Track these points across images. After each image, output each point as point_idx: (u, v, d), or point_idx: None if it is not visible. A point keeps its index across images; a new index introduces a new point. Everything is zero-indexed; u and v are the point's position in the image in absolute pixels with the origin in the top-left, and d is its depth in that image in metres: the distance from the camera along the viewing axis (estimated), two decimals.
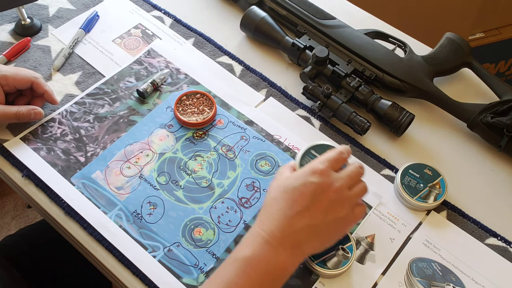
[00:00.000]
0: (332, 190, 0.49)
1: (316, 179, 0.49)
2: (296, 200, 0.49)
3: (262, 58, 0.76)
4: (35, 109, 0.63)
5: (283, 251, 0.47)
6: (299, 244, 0.48)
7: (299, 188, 0.49)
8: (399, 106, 0.66)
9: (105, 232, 0.57)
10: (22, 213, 1.42)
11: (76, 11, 0.78)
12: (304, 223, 0.48)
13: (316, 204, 0.48)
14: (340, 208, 0.50)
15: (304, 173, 0.50)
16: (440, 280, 0.56)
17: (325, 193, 0.49)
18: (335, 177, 0.50)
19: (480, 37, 1.42)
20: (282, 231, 0.47)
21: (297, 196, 0.49)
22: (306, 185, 0.49)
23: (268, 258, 0.47)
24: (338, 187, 0.50)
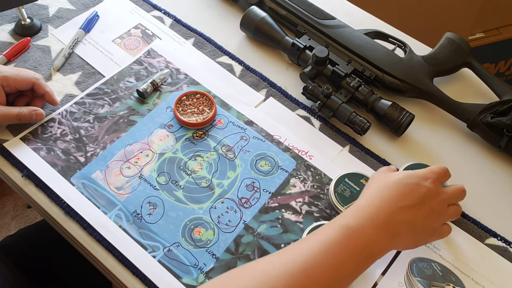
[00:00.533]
0: (437, 200, 0.52)
1: (428, 184, 0.52)
2: (407, 195, 0.51)
3: (262, 58, 0.76)
4: (37, 110, 0.63)
5: (384, 233, 0.49)
6: (397, 234, 0.50)
7: (412, 186, 0.52)
8: (399, 106, 0.66)
9: (105, 232, 0.57)
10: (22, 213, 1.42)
11: (76, 11, 0.78)
12: (407, 217, 0.50)
13: (421, 206, 0.51)
14: (437, 219, 0.52)
15: (418, 175, 0.53)
16: (440, 280, 0.56)
17: (432, 200, 0.52)
18: (442, 190, 0.54)
19: (480, 37, 1.42)
20: (387, 215, 0.49)
21: (408, 191, 0.51)
22: (419, 186, 0.52)
23: (370, 233, 0.48)
24: (442, 199, 0.53)
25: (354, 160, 0.65)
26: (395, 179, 0.52)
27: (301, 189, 0.62)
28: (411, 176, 0.53)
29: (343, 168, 0.64)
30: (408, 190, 0.51)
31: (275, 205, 0.61)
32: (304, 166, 0.64)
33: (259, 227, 0.59)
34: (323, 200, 0.61)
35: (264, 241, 0.58)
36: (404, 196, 0.51)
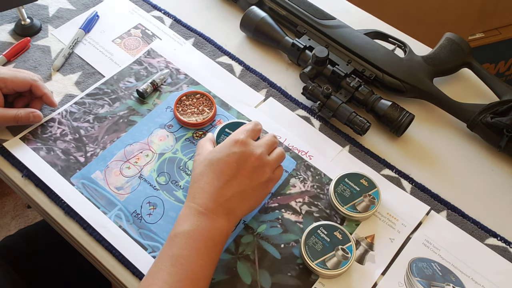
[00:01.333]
0: (254, 157, 0.53)
1: (238, 148, 0.53)
2: (223, 170, 0.52)
3: (262, 58, 0.76)
4: (34, 112, 0.63)
5: (218, 218, 0.50)
6: (231, 210, 0.51)
7: (224, 159, 0.52)
8: (399, 106, 0.66)
9: (104, 232, 0.57)
10: (22, 213, 1.42)
11: (76, 11, 0.78)
12: (233, 190, 0.51)
13: (241, 172, 0.52)
14: (263, 172, 0.53)
15: (226, 144, 0.54)
16: (440, 280, 0.56)
17: (248, 160, 0.53)
18: (255, 145, 0.54)
19: (480, 37, 1.42)
20: (214, 201, 0.51)
21: (223, 166, 0.52)
22: (230, 156, 0.52)
23: (207, 227, 0.50)
24: (259, 154, 0.53)
25: (354, 160, 0.65)
26: (207, 162, 0.53)
27: (301, 189, 0.62)
28: (220, 150, 0.53)
29: (343, 168, 0.64)
30: (221, 166, 0.52)
31: (275, 205, 0.61)
32: (304, 166, 0.64)
33: (259, 227, 0.59)
34: (323, 200, 0.61)
35: (264, 241, 0.58)
36: (221, 172, 0.52)
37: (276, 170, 0.55)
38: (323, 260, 0.54)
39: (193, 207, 0.51)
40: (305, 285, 0.55)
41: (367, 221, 0.60)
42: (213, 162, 0.52)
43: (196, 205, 0.51)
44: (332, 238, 0.56)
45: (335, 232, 0.56)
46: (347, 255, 0.55)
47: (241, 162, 0.52)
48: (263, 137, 0.57)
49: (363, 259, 0.57)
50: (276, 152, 0.56)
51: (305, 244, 0.56)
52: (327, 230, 0.57)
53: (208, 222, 0.50)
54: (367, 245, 0.58)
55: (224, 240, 0.51)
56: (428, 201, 0.62)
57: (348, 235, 0.56)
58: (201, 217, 0.50)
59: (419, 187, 0.64)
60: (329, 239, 0.56)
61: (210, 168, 0.52)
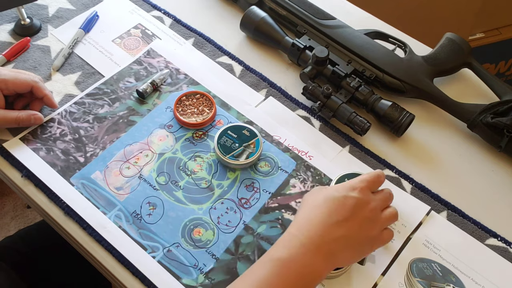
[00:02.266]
0: (368, 208, 0.51)
1: (356, 194, 0.51)
2: (337, 210, 0.50)
3: (262, 58, 0.76)
4: (35, 115, 0.63)
5: (318, 256, 0.48)
6: (334, 253, 0.49)
7: (340, 199, 0.51)
8: (399, 107, 0.66)
9: (104, 232, 0.57)
10: (22, 213, 1.42)
11: (76, 11, 0.78)
12: (341, 233, 0.49)
13: (353, 218, 0.50)
14: (373, 227, 0.52)
15: (345, 187, 0.52)
16: (440, 280, 0.56)
17: (363, 209, 0.51)
18: (372, 197, 0.53)
19: (480, 37, 1.42)
20: (320, 237, 0.48)
21: (337, 206, 0.50)
22: (347, 198, 0.51)
23: (304, 261, 0.47)
24: (374, 206, 0.52)
25: (354, 160, 0.65)
26: (322, 197, 0.51)
27: (301, 190, 0.62)
28: (337, 190, 0.52)
29: (343, 168, 0.64)
30: (336, 205, 0.50)
31: (275, 206, 0.60)
32: (304, 167, 0.64)
33: (259, 228, 0.58)
34: None
35: (264, 242, 0.58)
36: (333, 212, 0.50)
37: (384, 231, 0.53)
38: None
39: (296, 236, 0.48)
40: None
41: None
42: (329, 199, 0.51)
43: (300, 234, 0.48)
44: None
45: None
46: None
47: (356, 209, 0.50)
48: (381, 191, 0.55)
49: (363, 260, 0.57)
50: (389, 210, 0.54)
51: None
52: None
53: (307, 256, 0.47)
54: None
55: (316, 283, 0.48)
56: (428, 201, 0.62)
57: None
58: (301, 249, 0.47)
59: (419, 187, 0.63)
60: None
61: (324, 203, 0.51)
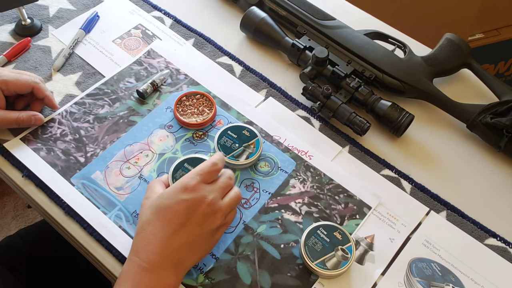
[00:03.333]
0: (205, 204, 0.49)
1: (188, 195, 0.49)
2: (171, 219, 0.48)
3: (262, 59, 0.76)
4: (36, 115, 0.63)
5: (164, 273, 0.47)
6: (180, 262, 0.48)
7: (172, 207, 0.48)
8: (398, 107, 0.66)
9: (104, 232, 0.57)
10: (22, 213, 1.42)
11: (76, 11, 0.78)
12: (181, 241, 0.48)
13: (190, 220, 0.48)
14: (214, 219, 0.50)
15: (176, 190, 0.50)
16: (439, 280, 0.56)
17: (199, 208, 0.49)
18: (207, 190, 0.50)
19: (479, 37, 1.42)
20: (160, 254, 0.47)
21: (170, 215, 0.48)
22: (179, 203, 0.49)
23: (152, 284, 0.46)
24: (211, 200, 0.50)
25: (353, 160, 0.65)
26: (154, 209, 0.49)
27: (301, 190, 0.62)
28: (169, 197, 0.49)
29: (343, 168, 0.64)
30: (170, 214, 0.48)
31: (274, 206, 0.61)
32: (304, 167, 0.64)
33: (259, 228, 0.59)
34: (322, 201, 0.61)
35: (264, 242, 0.58)
36: (169, 221, 0.48)
37: (228, 215, 0.52)
38: (322, 260, 0.54)
39: (136, 262, 0.47)
40: (305, 285, 0.55)
41: (367, 221, 0.60)
42: (160, 209, 0.49)
43: (140, 260, 0.47)
44: (332, 238, 0.56)
45: (334, 233, 0.57)
46: (347, 255, 0.55)
47: (190, 210, 0.48)
48: (219, 178, 0.53)
49: (362, 259, 0.57)
50: (229, 195, 0.52)
51: (305, 244, 0.56)
52: (326, 230, 0.57)
53: (153, 279, 0.46)
54: (367, 245, 0.58)
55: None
56: (428, 201, 0.62)
57: (348, 235, 0.57)
58: (144, 274, 0.46)
59: (418, 187, 0.64)
60: (329, 240, 0.56)
61: (156, 216, 0.48)
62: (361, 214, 0.61)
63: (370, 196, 0.62)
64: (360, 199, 0.62)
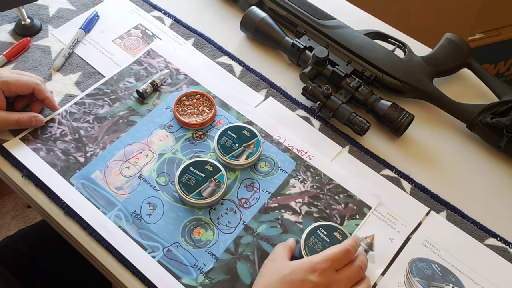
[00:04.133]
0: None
1: (315, 278, 0.48)
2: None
3: (262, 59, 0.76)
4: (37, 117, 0.63)
5: None
6: None
7: (297, 284, 0.48)
8: (398, 107, 0.66)
9: (104, 232, 0.57)
10: (22, 213, 1.42)
11: (76, 11, 0.78)
12: None
13: None
14: None
15: (304, 268, 0.49)
16: (439, 280, 0.56)
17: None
18: (334, 279, 0.49)
19: (479, 37, 1.42)
20: None
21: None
22: (304, 282, 0.48)
23: None
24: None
25: (353, 161, 0.65)
26: (279, 277, 0.49)
27: (301, 190, 0.62)
28: (296, 271, 0.49)
29: (343, 168, 0.64)
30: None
31: (274, 206, 0.61)
32: (304, 167, 0.64)
33: (259, 227, 0.59)
34: (322, 201, 0.61)
35: (264, 242, 0.58)
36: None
37: None
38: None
39: None
40: None
41: (367, 221, 0.60)
42: (285, 281, 0.48)
43: None
44: (332, 238, 0.56)
45: (334, 233, 0.57)
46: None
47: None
48: (350, 266, 0.51)
49: None
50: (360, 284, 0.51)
51: (305, 244, 0.56)
52: (326, 230, 0.57)
53: None
54: (367, 245, 0.58)
55: None
56: (428, 201, 0.62)
57: (348, 235, 0.57)
58: None
59: (419, 187, 0.64)
60: (329, 240, 0.56)
61: (279, 286, 0.48)
62: (361, 214, 0.60)
63: (370, 196, 0.62)
64: (360, 199, 0.62)
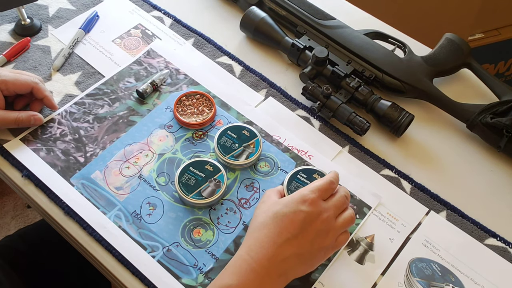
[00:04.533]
0: (320, 220, 0.50)
1: (306, 208, 0.50)
2: (286, 227, 0.49)
3: (262, 59, 0.76)
4: (35, 115, 0.63)
5: (268, 279, 0.48)
6: (285, 272, 0.49)
7: (289, 216, 0.49)
8: (398, 107, 0.66)
9: (104, 232, 0.57)
10: (22, 213, 1.42)
11: (76, 11, 0.78)
12: (291, 251, 0.49)
13: (304, 233, 0.49)
14: (326, 237, 0.51)
15: (295, 200, 0.51)
16: (439, 280, 0.56)
17: (314, 222, 0.50)
18: (323, 207, 0.51)
19: (479, 37, 1.42)
20: (269, 260, 0.48)
21: (287, 223, 0.49)
22: (296, 213, 0.49)
23: (254, 286, 0.47)
24: (326, 217, 0.51)
25: (353, 160, 0.65)
26: (271, 214, 0.50)
27: None
28: (287, 205, 0.50)
29: (343, 168, 0.64)
30: (285, 222, 0.49)
31: None
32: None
33: None
34: None
35: None
36: (283, 230, 0.49)
37: (339, 236, 0.52)
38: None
39: (247, 261, 0.48)
40: (305, 285, 0.55)
41: (367, 221, 0.60)
42: (278, 215, 0.50)
43: (250, 258, 0.48)
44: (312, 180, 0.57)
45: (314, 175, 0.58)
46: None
47: (306, 223, 0.49)
48: (334, 195, 0.54)
49: (362, 259, 0.57)
50: (344, 216, 0.53)
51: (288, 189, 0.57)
52: (306, 174, 0.58)
53: (257, 282, 0.47)
54: (366, 245, 0.58)
55: None
56: (428, 201, 0.62)
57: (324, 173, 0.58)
58: (251, 274, 0.47)
59: (418, 187, 0.64)
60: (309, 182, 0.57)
61: (273, 221, 0.49)
62: (361, 214, 0.60)
63: (370, 196, 0.62)
64: (360, 199, 0.62)
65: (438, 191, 0.63)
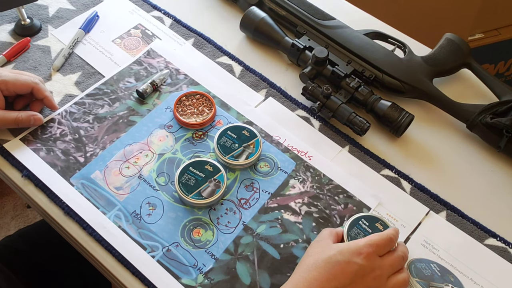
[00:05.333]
0: (372, 276, 0.49)
1: (360, 260, 0.49)
2: (336, 275, 0.48)
3: (262, 59, 0.76)
4: (35, 115, 0.63)
5: None
6: None
7: (342, 264, 0.49)
8: (398, 107, 0.66)
9: (104, 232, 0.57)
10: (22, 213, 1.42)
11: (76, 11, 0.78)
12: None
13: (353, 285, 0.48)
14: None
15: (350, 250, 0.50)
16: (438, 280, 0.56)
17: (365, 277, 0.49)
18: (378, 263, 0.50)
19: (479, 37, 1.42)
20: None
21: (338, 271, 0.48)
22: (350, 264, 0.49)
23: None
24: (378, 274, 0.50)
25: (353, 161, 0.65)
26: (325, 257, 0.49)
27: (301, 190, 0.62)
28: (342, 253, 0.49)
29: (343, 168, 0.64)
30: (337, 270, 0.48)
31: (274, 206, 0.61)
32: (304, 167, 0.64)
33: (258, 228, 0.59)
34: (322, 201, 0.61)
35: (264, 242, 0.58)
36: (332, 277, 0.48)
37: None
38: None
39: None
40: None
41: None
42: (331, 261, 0.49)
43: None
44: (374, 229, 0.55)
45: (376, 223, 0.55)
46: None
47: (357, 276, 0.48)
48: (392, 253, 0.52)
49: None
50: (397, 278, 0.51)
51: (348, 235, 0.54)
52: (368, 221, 0.55)
53: None
54: None
55: None
56: (428, 202, 0.62)
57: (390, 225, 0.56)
58: None
59: (418, 187, 0.64)
60: (371, 230, 0.55)
61: (325, 266, 0.49)
62: None
63: (370, 197, 0.62)
64: (359, 199, 0.62)
65: (438, 191, 0.63)
